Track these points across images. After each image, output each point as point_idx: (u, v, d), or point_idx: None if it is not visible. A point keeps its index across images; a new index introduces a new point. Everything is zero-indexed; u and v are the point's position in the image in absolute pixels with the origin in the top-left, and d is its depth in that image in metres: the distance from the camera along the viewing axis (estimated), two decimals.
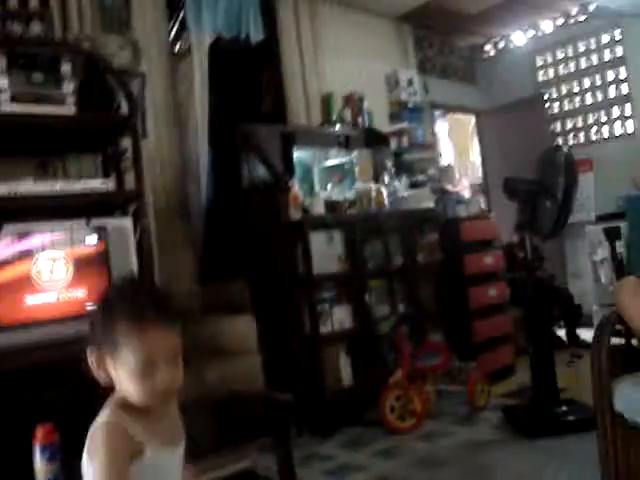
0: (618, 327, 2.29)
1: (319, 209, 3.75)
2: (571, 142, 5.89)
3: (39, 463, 1.78)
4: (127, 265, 2.68)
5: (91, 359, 1.19)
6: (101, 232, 2.63)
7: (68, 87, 2.72)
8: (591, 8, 5.52)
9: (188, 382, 2.77)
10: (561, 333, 5.25)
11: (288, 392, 3.23)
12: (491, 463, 2.90)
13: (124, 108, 3.08)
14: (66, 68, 2.72)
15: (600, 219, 5.20)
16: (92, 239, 2.62)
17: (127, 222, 2.76)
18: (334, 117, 4.61)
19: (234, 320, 3.45)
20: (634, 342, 2.28)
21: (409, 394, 3.47)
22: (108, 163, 3.26)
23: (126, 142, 3.11)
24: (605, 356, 2.24)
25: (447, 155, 6.10)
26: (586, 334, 4.76)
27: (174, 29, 4.33)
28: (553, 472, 2.69)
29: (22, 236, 2.42)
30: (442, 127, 6.07)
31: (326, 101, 4.65)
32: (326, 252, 3.65)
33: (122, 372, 1.16)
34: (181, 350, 1.21)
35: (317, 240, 3.61)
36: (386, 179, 4.31)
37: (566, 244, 5.93)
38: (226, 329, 3.41)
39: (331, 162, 4.45)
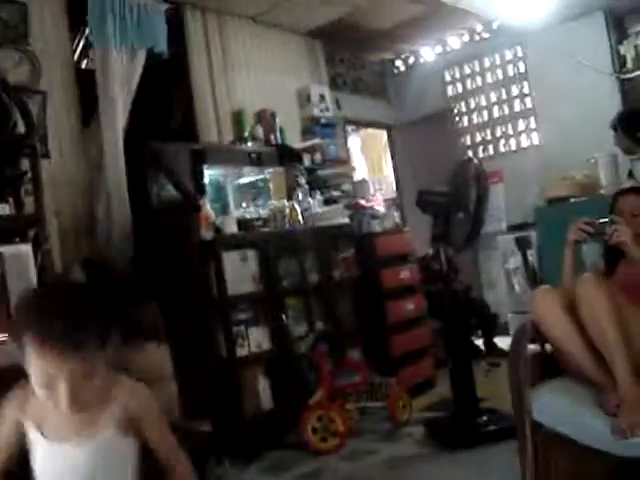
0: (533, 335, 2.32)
1: (232, 228, 3.65)
2: (481, 154, 6.04)
3: None
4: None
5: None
6: None
7: None
8: (494, 25, 5.69)
9: None
10: (478, 342, 5.34)
11: (206, 419, 3.12)
12: (415, 479, 2.87)
13: (21, 127, 2.93)
14: None
15: (511, 229, 5.34)
16: None
17: (27, 248, 2.61)
18: (246, 134, 4.53)
19: (145, 347, 3.29)
20: (548, 348, 2.31)
21: (331, 414, 3.40)
22: (5, 186, 3.06)
23: (25, 163, 2.95)
24: (522, 365, 2.25)
25: (361, 170, 6.14)
26: (502, 342, 4.85)
27: (80, 44, 4.19)
28: None
29: None
30: (355, 142, 6.11)
31: (237, 118, 4.58)
32: (240, 272, 3.54)
33: (31, 374, 1.18)
34: (96, 363, 1.21)
35: (230, 260, 3.50)
36: (300, 196, 4.26)
37: (479, 255, 6.06)
38: (137, 357, 3.25)
39: (244, 180, 4.37)
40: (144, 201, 3.69)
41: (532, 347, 2.35)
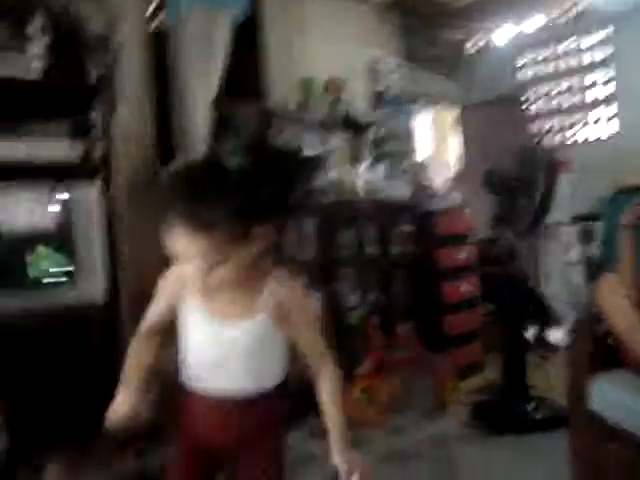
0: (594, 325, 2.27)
1: None
2: (550, 143, 5.87)
3: None
4: (92, 238, 2.60)
5: (166, 234, 1.25)
6: (66, 201, 2.54)
7: (36, 47, 2.60)
8: (577, 7, 5.49)
9: None
10: (530, 333, 5.23)
11: None
12: (458, 458, 2.88)
13: (95, 76, 2.98)
14: (35, 26, 2.59)
15: (575, 220, 5.19)
16: (56, 207, 2.53)
17: (94, 193, 2.66)
18: (313, 101, 4.51)
19: None
20: (609, 340, 2.25)
21: (376, 386, 3.40)
22: (76, 132, 3.13)
23: (96, 112, 2.99)
24: (582, 354, 2.21)
25: (426, 147, 6.05)
26: (555, 335, 4.74)
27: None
28: (519, 469, 2.65)
29: None
30: (422, 119, 6.01)
31: (306, 84, 4.54)
32: (298, 238, 3.56)
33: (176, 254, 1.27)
34: (227, 246, 1.23)
35: (290, 225, 3.51)
36: (363, 167, 4.23)
37: (540, 244, 5.92)
38: None
39: (308, 148, 4.35)
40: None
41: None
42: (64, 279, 2.53)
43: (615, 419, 2.04)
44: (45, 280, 2.48)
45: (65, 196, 2.55)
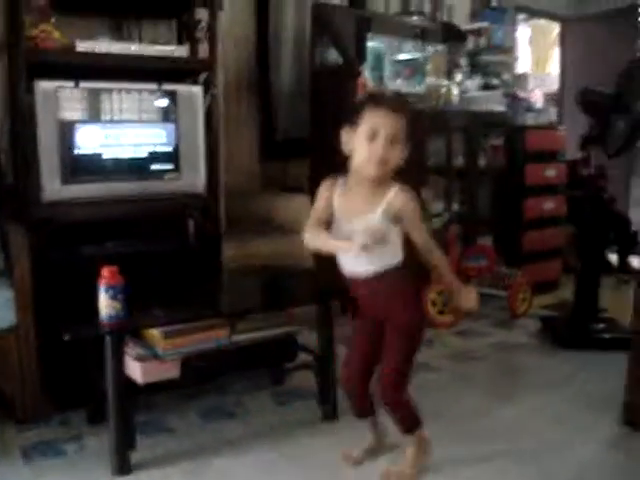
0: None
1: None
2: None
3: (103, 301, 1.91)
4: (195, 133, 2.75)
5: (345, 134, 1.76)
6: (172, 97, 2.69)
7: None
8: None
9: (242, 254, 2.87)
10: (612, 258, 5.20)
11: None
12: (523, 365, 3.00)
13: None
14: None
15: None
16: (163, 102, 2.69)
17: (197, 90, 2.80)
18: (413, 8, 4.46)
19: (291, 199, 3.51)
20: None
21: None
22: (183, 31, 3.27)
23: (202, 12, 3.10)
24: None
25: (525, 61, 5.88)
26: (638, 261, 4.71)
27: None
28: (579, 381, 2.76)
29: (95, 93, 2.50)
30: (524, 32, 5.80)
31: None
32: None
33: (357, 139, 1.72)
34: (401, 137, 1.72)
35: None
36: (458, 77, 4.21)
37: (634, 170, 5.75)
38: (282, 207, 3.49)
39: (404, 54, 4.34)
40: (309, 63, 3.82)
41: None
42: (171, 170, 2.72)
43: None
44: (155, 170, 2.68)
45: (171, 94, 2.70)
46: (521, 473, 1.96)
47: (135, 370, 2.03)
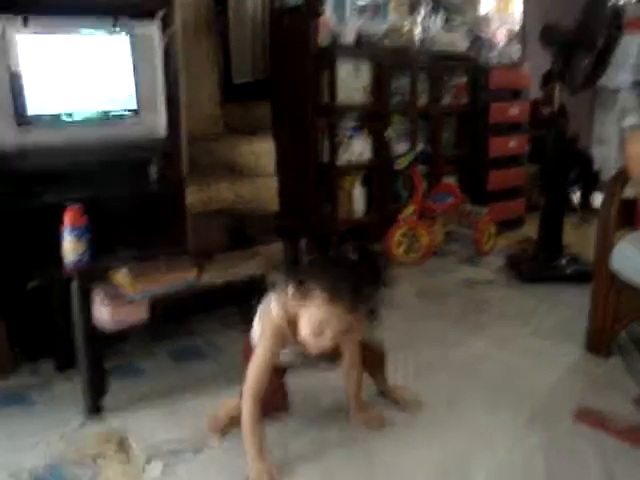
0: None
1: (349, 38, 3.65)
2: None
3: (67, 243, 1.87)
4: (153, 74, 2.67)
5: (291, 289, 1.54)
6: (128, 35, 2.59)
7: None
8: None
9: (206, 197, 2.83)
10: (575, 196, 5.29)
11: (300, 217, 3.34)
12: (490, 300, 3.04)
13: None
14: None
15: (636, 85, 5.04)
16: (119, 42, 2.59)
17: (154, 28, 2.70)
18: None
19: (254, 142, 3.47)
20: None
21: (417, 230, 3.57)
22: None
23: None
24: (609, 215, 2.28)
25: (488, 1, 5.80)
26: (600, 199, 4.78)
27: None
28: (543, 312, 2.83)
29: (48, 32, 2.39)
30: None
31: None
32: (352, 82, 3.61)
33: (303, 316, 1.54)
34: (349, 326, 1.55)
35: (344, 69, 3.56)
36: (421, 15, 4.14)
37: (596, 108, 5.80)
38: (245, 150, 3.45)
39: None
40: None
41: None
42: (130, 114, 2.64)
43: (631, 277, 2.16)
44: (113, 114, 2.60)
45: (127, 33, 2.60)
46: (489, 400, 2.02)
47: (103, 314, 2.01)
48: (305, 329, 1.55)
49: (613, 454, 1.69)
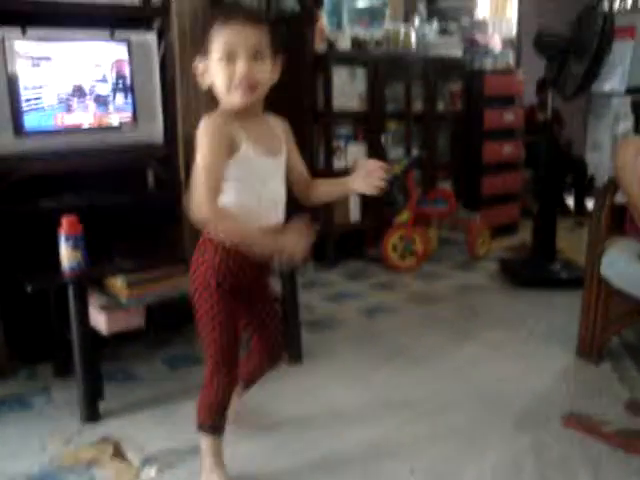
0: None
1: (345, 44, 3.68)
2: (617, 6, 5.59)
3: (64, 251, 1.90)
4: (151, 82, 2.69)
5: (199, 66, 1.45)
6: (126, 45, 2.60)
7: None
8: None
9: None
10: (569, 201, 5.33)
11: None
12: (483, 305, 3.07)
13: None
14: None
15: (630, 92, 5.07)
16: (115, 50, 2.61)
17: (152, 37, 2.72)
18: None
19: None
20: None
21: (412, 235, 3.60)
22: None
23: None
24: (600, 221, 2.31)
25: (483, 6, 5.84)
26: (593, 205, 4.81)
27: None
28: (536, 318, 2.86)
29: (46, 41, 2.41)
30: None
31: None
32: (347, 89, 3.64)
33: (213, 66, 1.42)
34: (267, 53, 1.41)
35: (340, 75, 3.59)
36: (416, 22, 4.18)
37: (590, 114, 5.82)
38: None
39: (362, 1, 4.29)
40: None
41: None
42: (128, 121, 2.66)
43: (619, 284, 2.19)
44: (111, 121, 2.62)
45: (125, 42, 2.62)
46: (480, 404, 2.04)
47: (100, 320, 2.03)
48: (219, 72, 1.41)
49: (602, 459, 1.71)
